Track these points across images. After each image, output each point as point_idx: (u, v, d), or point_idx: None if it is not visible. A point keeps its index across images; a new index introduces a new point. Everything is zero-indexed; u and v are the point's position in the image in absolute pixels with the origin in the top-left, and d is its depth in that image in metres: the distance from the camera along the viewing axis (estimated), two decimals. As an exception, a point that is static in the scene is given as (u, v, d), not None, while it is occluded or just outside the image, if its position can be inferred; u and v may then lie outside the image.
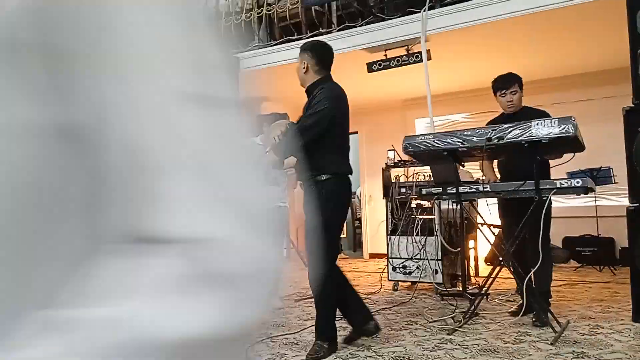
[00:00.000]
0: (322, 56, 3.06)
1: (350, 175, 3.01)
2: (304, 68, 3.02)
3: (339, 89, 3.00)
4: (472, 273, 5.17)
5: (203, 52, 0.38)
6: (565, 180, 3.06)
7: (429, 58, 4.78)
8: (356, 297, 3.09)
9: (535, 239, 3.18)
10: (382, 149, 5.58)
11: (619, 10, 3.63)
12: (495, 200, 3.82)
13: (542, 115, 3.45)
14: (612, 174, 5.31)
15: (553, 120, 2.88)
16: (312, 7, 5.45)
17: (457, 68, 6.06)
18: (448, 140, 3.18)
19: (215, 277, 0.34)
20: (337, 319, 3.00)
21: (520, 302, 3.63)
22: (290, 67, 5.71)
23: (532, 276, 3.37)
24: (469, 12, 4.56)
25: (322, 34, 5.41)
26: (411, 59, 5.03)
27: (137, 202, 0.35)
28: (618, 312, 3.71)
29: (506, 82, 3.66)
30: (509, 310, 3.77)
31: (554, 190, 3.03)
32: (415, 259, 4.61)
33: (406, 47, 5.07)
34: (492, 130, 3.06)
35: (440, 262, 4.51)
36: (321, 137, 2.88)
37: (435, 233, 4.55)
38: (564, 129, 2.84)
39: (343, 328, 3.13)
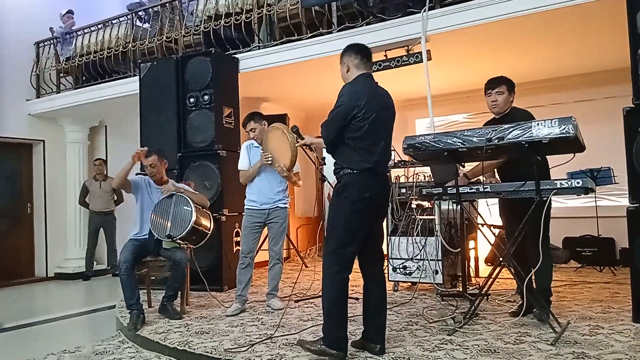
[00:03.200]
0: (357, 54, 3.01)
1: (370, 172, 2.83)
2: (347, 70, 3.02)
3: (357, 86, 2.91)
4: (472, 273, 5.17)
5: None
6: (566, 181, 3.04)
7: (429, 58, 4.78)
8: (375, 309, 2.91)
9: (535, 239, 3.18)
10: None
11: (619, 11, 3.63)
12: (495, 200, 3.82)
13: (526, 115, 3.50)
14: (612, 174, 5.31)
15: (553, 120, 2.87)
16: (312, 8, 5.44)
17: (458, 68, 6.06)
18: (448, 141, 3.18)
19: None
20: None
21: (521, 302, 3.63)
22: (290, 68, 5.73)
23: (533, 276, 3.37)
24: (469, 13, 4.56)
25: (322, 34, 5.41)
26: (411, 59, 5.03)
27: None
28: (618, 313, 3.70)
29: (493, 83, 3.68)
30: (509, 311, 3.77)
31: (554, 190, 3.03)
32: (416, 259, 4.61)
33: (406, 48, 5.07)
34: (493, 130, 3.05)
35: (440, 262, 4.51)
36: (340, 133, 2.86)
37: (435, 233, 4.55)
38: (564, 129, 2.83)
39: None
